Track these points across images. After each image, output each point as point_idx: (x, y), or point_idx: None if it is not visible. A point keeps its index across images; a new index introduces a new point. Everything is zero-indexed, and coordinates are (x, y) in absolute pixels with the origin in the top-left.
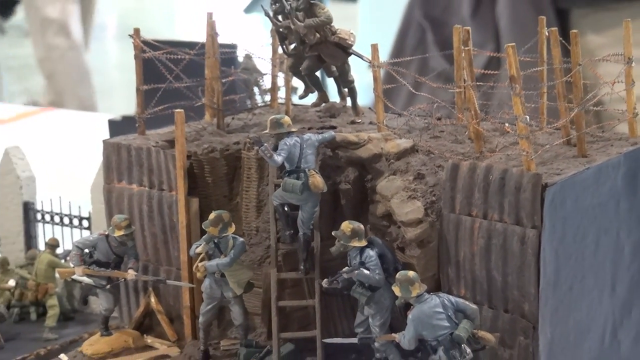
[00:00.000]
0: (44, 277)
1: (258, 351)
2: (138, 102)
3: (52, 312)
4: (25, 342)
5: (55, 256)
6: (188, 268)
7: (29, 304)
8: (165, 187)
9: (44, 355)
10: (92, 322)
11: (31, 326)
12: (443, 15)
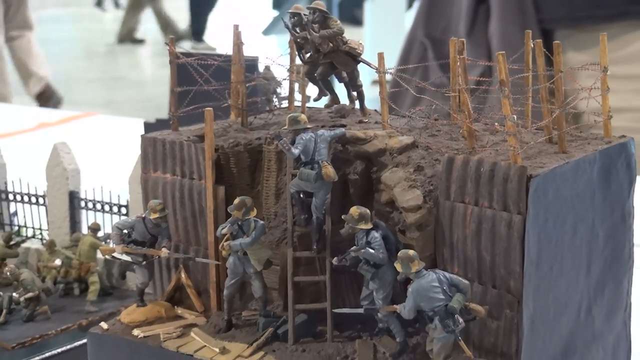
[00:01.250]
0: (87, 257)
1: (275, 320)
2: (172, 102)
3: (93, 288)
4: (69, 314)
5: (97, 238)
6: (214, 247)
7: (72, 280)
8: (195, 177)
9: (85, 325)
10: (127, 297)
11: (74, 300)
12: (442, 35)
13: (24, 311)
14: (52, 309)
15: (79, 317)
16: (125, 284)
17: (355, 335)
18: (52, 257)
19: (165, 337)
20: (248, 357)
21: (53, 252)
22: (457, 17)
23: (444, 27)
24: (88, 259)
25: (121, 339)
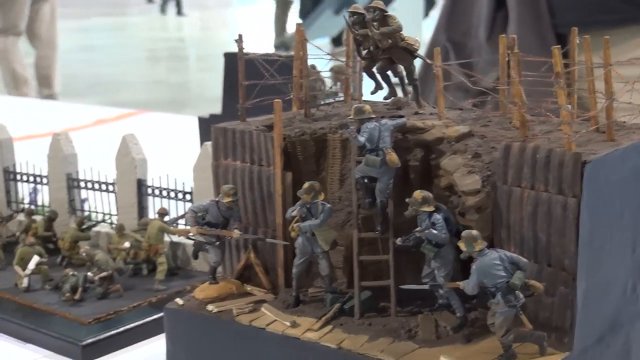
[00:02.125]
0: (155, 239)
1: (341, 297)
2: (240, 95)
3: (161, 268)
4: (139, 292)
5: (164, 222)
6: (282, 229)
7: (141, 261)
8: (264, 163)
9: (155, 302)
10: (191, 277)
11: (143, 279)
12: (463, 39)
13: (98, 289)
14: (123, 287)
15: (148, 295)
16: (189, 265)
17: (416, 310)
18: (122, 240)
19: (237, 312)
20: (317, 330)
21: (122, 236)
22: (477, 22)
23: (465, 31)
24: (156, 241)
25: (196, 313)
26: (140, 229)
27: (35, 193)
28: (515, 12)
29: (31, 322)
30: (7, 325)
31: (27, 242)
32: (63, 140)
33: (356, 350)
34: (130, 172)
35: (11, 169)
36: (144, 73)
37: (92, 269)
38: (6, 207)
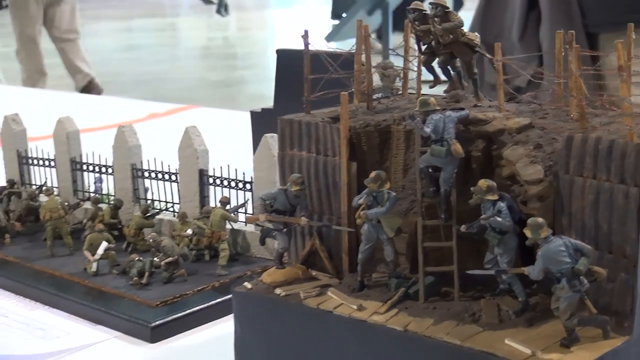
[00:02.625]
0: (218, 226)
1: (406, 281)
2: (306, 88)
3: (223, 254)
4: (202, 277)
5: (226, 211)
6: (347, 217)
7: (203, 247)
8: (330, 153)
9: (218, 286)
10: (251, 263)
11: (205, 265)
12: (496, 40)
13: (164, 274)
14: (187, 272)
15: (211, 279)
16: (249, 251)
17: (478, 295)
18: (184, 227)
19: (304, 295)
20: (383, 313)
21: (185, 223)
22: (510, 23)
23: (498, 32)
24: (219, 228)
25: (264, 296)
26: (202, 216)
27: (99, 182)
28: (547, 13)
29: (101, 304)
30: (78, 307)
31: (96, 228)
32: (128, 132)
33: (422, 333)
34: (192, 163)
35: (78, 159)
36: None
37: (157, 254)
38: (73, 196)
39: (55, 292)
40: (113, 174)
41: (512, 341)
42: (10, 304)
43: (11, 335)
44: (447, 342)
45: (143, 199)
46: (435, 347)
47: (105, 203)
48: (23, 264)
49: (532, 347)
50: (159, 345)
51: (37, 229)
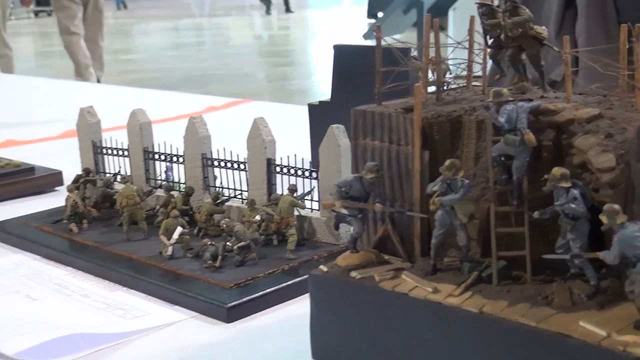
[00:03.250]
0: (286, 212)
1: (478, 265)
2: (378, 80)
3: (292, 239)
4: (272, 260)
5: (294, 198)
6: (420, 203)
7: (272, 233)
8: (402, 143)
9: (287, 270)
10: (318, 248)
11: (274, 249)
12: None
13: (236, 257)
14: (257, 256)
15: (280, 263)
16: (315, 236)
17: (549, 279)
18: (253, 214)
19: (380, 278)
20: (458, 296)
21: (253, 210)
22: (546, 20)
23: None
24: (287, 214)
25: (340, 279)
26: (270, 203)
27: (169, 171)
28: (583, 11)
29: (178, 286)
30: (156, 288)
31: (172, 214)
32: (198, 123)
33: (497, 315)
34: (260, 152)
35: (150, 149)
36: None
37: (229, 239)
38: (145, 184)
39: (134, 275)
40: (184, 163)
41: (587, 323)
42: (90, 286)
43: (94, 314)
44: (522, 323)
45: (212, 186)
46: (510, 329)
47: (176, 191)
48: (101, 248)
49: (606, 329)
50: (234, 325)
51: (112, 215)
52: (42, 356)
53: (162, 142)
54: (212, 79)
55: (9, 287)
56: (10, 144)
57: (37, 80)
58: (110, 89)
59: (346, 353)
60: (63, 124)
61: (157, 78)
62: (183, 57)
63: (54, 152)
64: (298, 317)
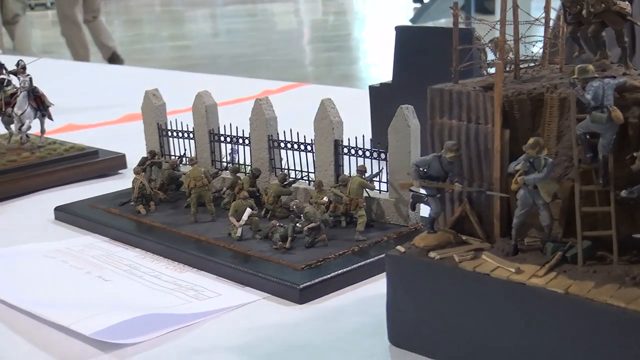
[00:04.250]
0: (356, 194)
1: (562, 245)
2: (455, 59)
3: (361, 220)
4: (341, 242)
5: (364, 179)
6: (499, 182)
7: (340, 214)
8: (481, 121)
9: (357, 251)
10: (387, 229)
11: (342, 231)
12: None
13: (306, 238)
14: (327, 237)
15: (350, 244)
16: (383, 218)
17: (635, 259)
18: (320, 195)
19: (460, 258)
20: (542, 276)
21: (321, 191)
22: None
23: None
24: (357, 195)
25: (418, 260)
26: (339, 185)
27: (234, 153)
28: None
29: (249, 267)
30: (227, 269)
31: (241, 196)
32: (264, 104)
33: (584, 296)
34: (327, 134)
35: (215, 131)
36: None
37: (297, 220)
38: (210, 166)
39: (204, 256)
40: (250, 144)
41: None
42: (160, 267)
43: (166, 295)
44: (611, 304)
45: (279, 168)
46: (598, 310)
47: (242, 172)
48: (169, 230)
49: None
50: (307, 306)
51: (178, 197)
52: (118, 336)
53: (223, 125)
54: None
55: (80, 269)
56: (71, 128)
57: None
58: (163, 73)
59: (424, 335)
60: (121, 109)
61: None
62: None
63: (113, 136)
64: (370, 298)
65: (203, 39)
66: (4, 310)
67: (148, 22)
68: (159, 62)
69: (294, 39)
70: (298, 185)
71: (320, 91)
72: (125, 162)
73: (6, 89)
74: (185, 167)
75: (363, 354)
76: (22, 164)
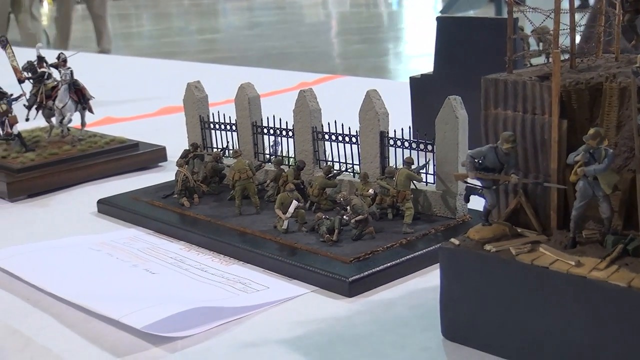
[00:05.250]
0: (403, 186)
1: (623, 238)
2: (508, 48)
3: (409, 213)
4: (389, 234)
5: (411, 171)
6: (556, 174)
7: (386, 207)
8: (538, 112)
9: (405, 244)
10: (434, 222)
11: (389, 223)
12: None
13: (353, 231)
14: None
15: (397, 237)
16: (430, 210)
17: None
18: (366, 187)
19: (516, 251)
20: (603, 269)
21: (366, 183)
22: None
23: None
24: (404, 187)
25: (473, 252)
26: (385, 177)
27: (276, 145)
28: None
29: (297, 260)
30: (274, 262)
31: (287, 188)
32: (308, 96)
33: None
34: (373, 125)
35: (258, 123)
36: (308, 45)
37: (343, 212)
38: (253, 158)
39: (250, 249)
40: (293, 136)
41: None
42: (205, 260)
43: (214, 288)
44: None
45: (323, 160)
46: None
47: (286, 165)
48: (214, 222)
49: None
50: (356, 299)
51: (222, 190)
52: (169, 329)
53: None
54: (289, 57)
55: (126, 262)
56: (108, 121)
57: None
58: (195, 66)
59: (479, 328)
60: (158, 101)
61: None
62: (259, 36)
63: (151, 129)
64: (421, 291)
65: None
66: (52, 303)
67: (177, 16)
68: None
69: (322, 31)
70: (343, 178)
71: (356, 83)
72: (165, 154)
73: (47, 82)
74: (227, 159)
75: (416, 347)
76: (63, 156)
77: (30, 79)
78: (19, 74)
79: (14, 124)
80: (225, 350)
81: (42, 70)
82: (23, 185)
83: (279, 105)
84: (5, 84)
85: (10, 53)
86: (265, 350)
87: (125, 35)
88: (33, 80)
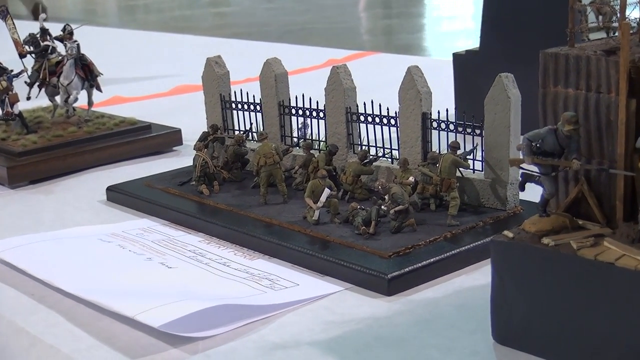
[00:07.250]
0: (448, 173)
1: None
2: (570, 19)
3: (454, 203)
4: (431, 227)
5: (457, 156)
6: (623, 159)
7: (429, 196)
8: (603, 90)
9: (449, 237)
10: (482, 213)
11: (432, 214)
12: None
13: (392, 223)
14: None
15: (442, 230)
16: (477, 201)
17: None
18: (406, 175)
19: (578, 245)
20: None
21: (406, 170)
22: None
23: None
24: (449, 175)
25: (530, 246)
26: (428, 163)
27: (305, 127)
28: None
29: (329, 254)
30: (304, 257)
31: (319, 175)
32: (342, 73)
33: None
34: (414, 105)
35: (285, 103)
36: (333, 20)
37: (380, 202)
38: (280, 142)
39: (277, 241)
40: (325, 117)
41: None
42: (228, 253)
43: (238, 285)
44: None
45: (358, 144)
46: None
47: (316, 149)
48: (236, 212)
49: None
50: (396, 298)
51: (244, 176)
52: (189, 329)
53: (294, 96)
54: (312, 33)
55: (140, 255)
56: (117, 100)
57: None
58: (211, 40)
59: (536, 332)
60: (171, 79)
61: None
62: (279, 10)
63: (164, 110)
64: (467, 290)
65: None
66: (59, 299)
67: None
68: (201, 30)
69: (348, 5)
70: (379, 164)
71: (391, 60)
72: (181, 138)
73: (51, 56)
74: (251, 142)
75: (464, 351)
76: (68, 139)
77: (32, 54)
78: (20, 47)
79: (15, 103)
80: (253, 353)
81: (45, 44)
82: (25, 170)
83: (307, 83)
84: (5, 59)
85: (11, 25)
86: (296, 352)
87: (129, 8)
88: (35, 54)
